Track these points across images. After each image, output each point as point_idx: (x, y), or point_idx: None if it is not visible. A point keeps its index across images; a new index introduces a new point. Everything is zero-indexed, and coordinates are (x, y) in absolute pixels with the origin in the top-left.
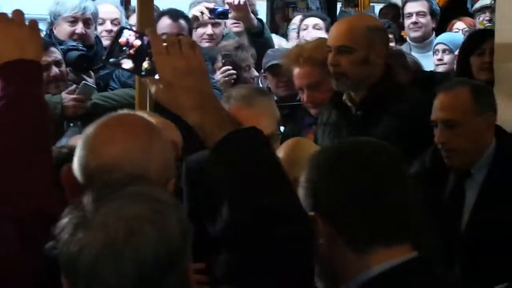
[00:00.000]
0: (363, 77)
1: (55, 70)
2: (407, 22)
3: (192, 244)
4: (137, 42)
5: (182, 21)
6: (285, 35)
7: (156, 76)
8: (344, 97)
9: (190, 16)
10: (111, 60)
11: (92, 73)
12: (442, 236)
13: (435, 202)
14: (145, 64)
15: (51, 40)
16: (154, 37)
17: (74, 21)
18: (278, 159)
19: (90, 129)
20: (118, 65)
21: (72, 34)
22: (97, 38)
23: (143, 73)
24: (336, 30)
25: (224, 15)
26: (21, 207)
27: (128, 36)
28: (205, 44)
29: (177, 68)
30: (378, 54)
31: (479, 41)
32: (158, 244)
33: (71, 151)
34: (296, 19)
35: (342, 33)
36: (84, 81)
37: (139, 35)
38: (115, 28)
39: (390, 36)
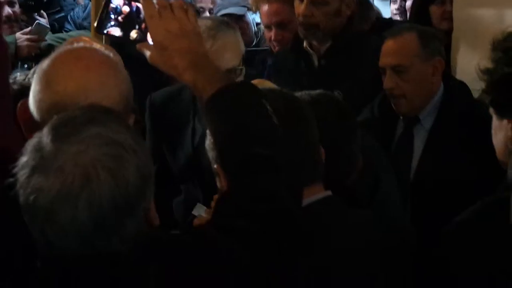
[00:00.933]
0: (333, 28)
1: (7, 10)
2: None
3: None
4: (126, 9)
5: None
6: None
7: (150, 42)
8: (305, 45)
9: None
10: (103, 31)
11: (44, 14)
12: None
13: (385, 148)
14: (133, 34)
15: None
16: (146, 1)
17: None
18: (269, 111)
19: (45, 64)
20: (108, 35)
21: None
22: None
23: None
24: None
25: None
26: None
27: (116, 2)
28: None
29: (170, 30)
30: (348, 5)
31: None
32: (114, 191)
33: (22, 87)
34: None
35: None
36: (38, 21)
37: (128, 1)
38: None
39: None
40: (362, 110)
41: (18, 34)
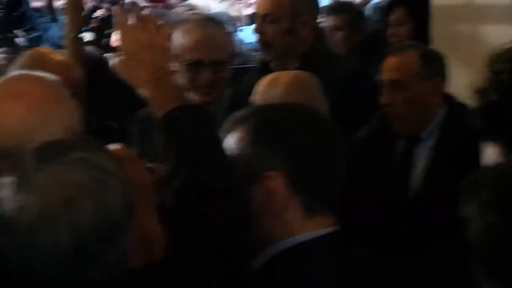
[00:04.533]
0: (288, 48)
1: None
2: None
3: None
4: (101, 13)
5: None
6: None
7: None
8: (273, 65)
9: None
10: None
11: (22, 33)
12: (390, 200)
13: (383, 166)
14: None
15: None
16: (121, 10)
17: None
18: (219, 138)
19: None
20: (79, 38)
21: None
22: None
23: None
24: None
25: None
26: None
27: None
28: None
29: (138, 41)
30: (304, 24)
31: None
32: (95, 216)
33: None
34: None
35: (267, 1)
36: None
37: (107, 8)
38: None
39: None
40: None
41: None
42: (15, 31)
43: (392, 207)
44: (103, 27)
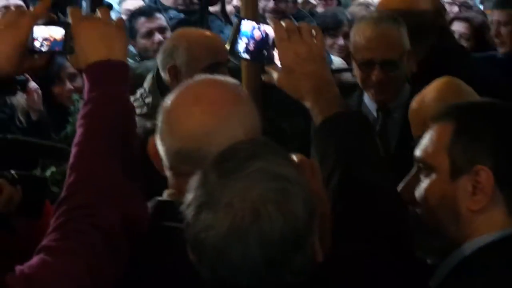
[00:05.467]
0: None
1: (158, 36)
2: None
3: None
4: (258, 34)
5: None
6: None
7: (278, 63)
8: None
9: None
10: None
11: None
12: None
13: None
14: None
15: (156, 6)
16: (277, 24)
17: None
18: (375, 140)
19: (167, 102)
20: (239, 57)
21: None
22: None
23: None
24: None
25: None
26: (110, 218)
27: (248, 27)
28: None
29: (298, 54)
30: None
31: None
32: (283, 226)
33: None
34: None
35: None
36: None
37: (258, 25)
38: None
39: None
40: None
41: None
42: None
43: None
44: (260, 47)
